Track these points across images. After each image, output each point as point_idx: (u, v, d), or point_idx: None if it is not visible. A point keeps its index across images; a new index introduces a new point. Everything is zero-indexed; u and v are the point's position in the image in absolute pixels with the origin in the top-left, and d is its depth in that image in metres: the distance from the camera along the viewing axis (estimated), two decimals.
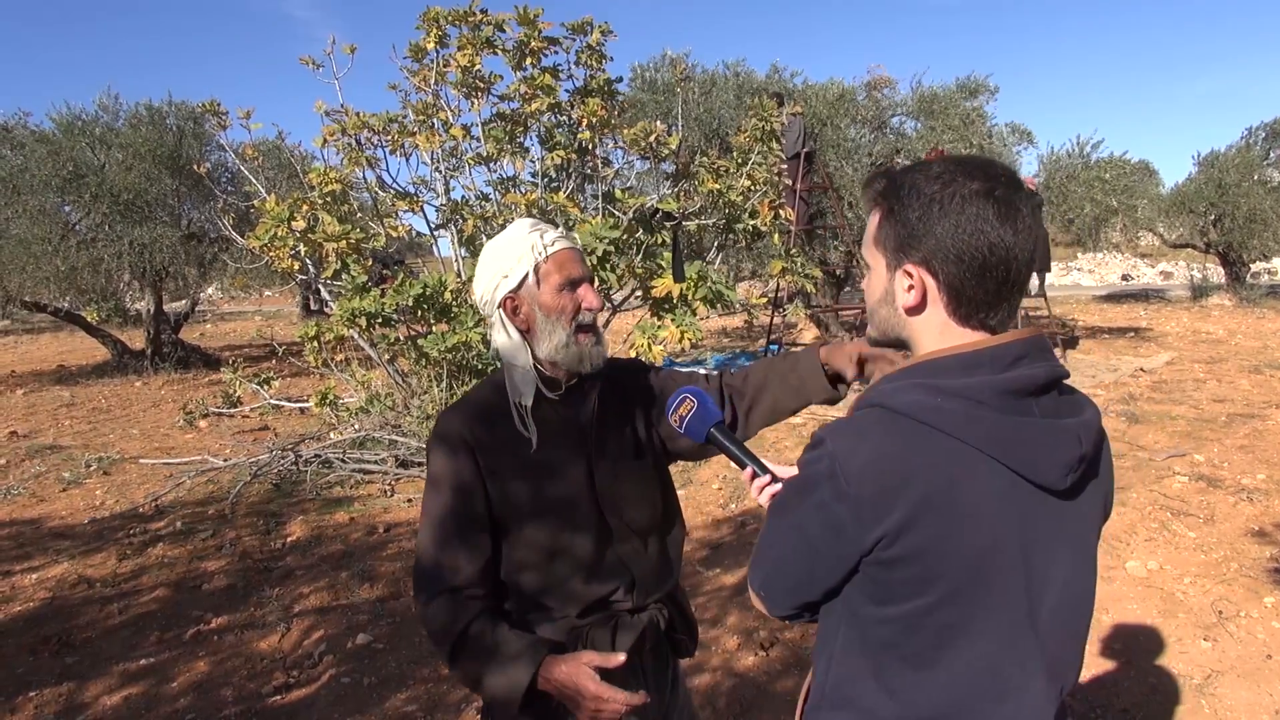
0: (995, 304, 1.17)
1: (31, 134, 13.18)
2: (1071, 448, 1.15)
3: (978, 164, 1.18)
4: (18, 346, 21.00)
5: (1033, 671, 1.18)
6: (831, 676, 1.25)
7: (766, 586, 1.30)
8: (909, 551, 1.11)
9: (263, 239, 7.48)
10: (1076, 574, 1.22)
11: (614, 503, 1.75)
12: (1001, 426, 1.11)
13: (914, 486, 1.10)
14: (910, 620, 1.15)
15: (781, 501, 1.28)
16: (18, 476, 7.63)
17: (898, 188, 1.20)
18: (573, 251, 1.71)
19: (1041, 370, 1.15)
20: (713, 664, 3.79)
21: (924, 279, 1.19)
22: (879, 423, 1.15)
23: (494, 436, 1.70)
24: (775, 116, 8.78)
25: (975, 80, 14.52)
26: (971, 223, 1.13)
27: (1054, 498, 1.16)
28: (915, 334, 1.23)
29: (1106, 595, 4.39)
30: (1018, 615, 1.16)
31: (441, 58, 7.77)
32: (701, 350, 13.65)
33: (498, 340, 1.74)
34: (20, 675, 4.02)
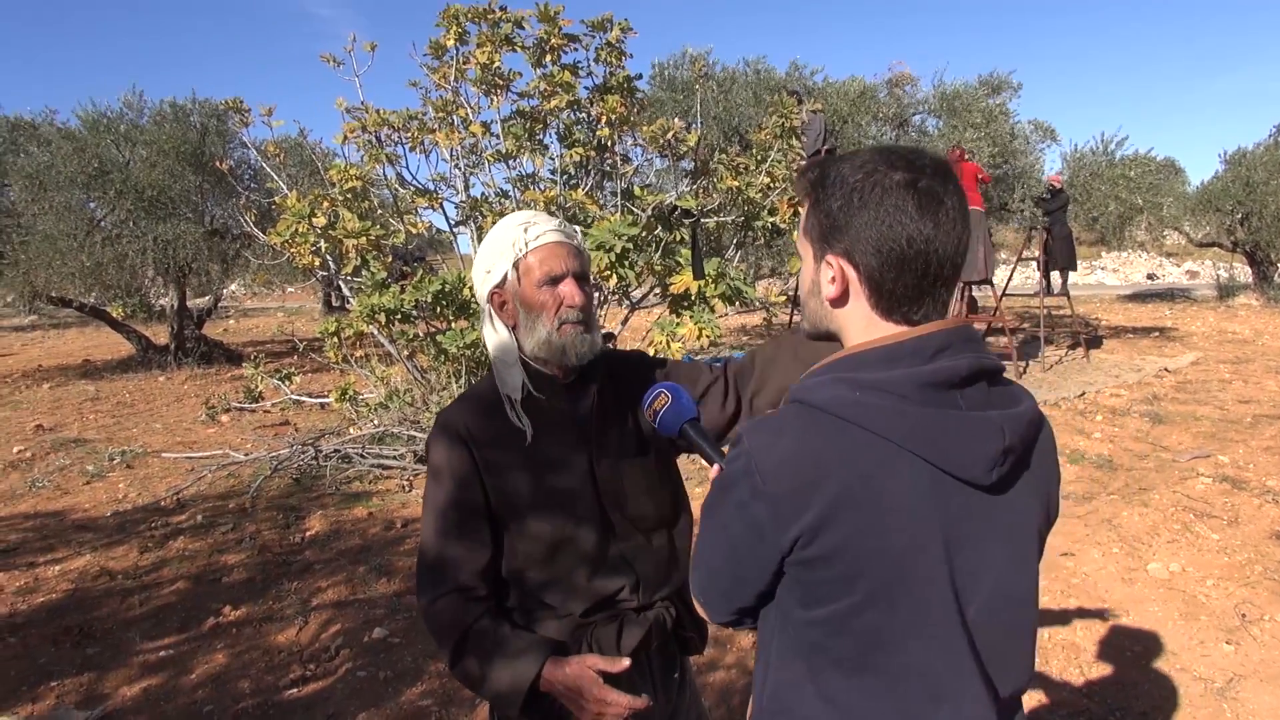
0: (917, 298, 1.14)
1: (58, 131, 13.33)
2: (994, 440, 1.10)
3: (903, 154, 1.15)
4: (44, 341, 21.26)
5: (968, 674, 1.14)
6: (769, 684, 1.22)
7: (703, 591, 1.27)
8: (827, 550, 1.09)
9: (284, 235, 7.53)
10: (1011, 572, 1.18)
11: (616, 498, 1.73)
12: (921, 420, 1.08)
13: (830, 483, 1.07)
14: (836, 622, 1.13)
15: (709, 502, 1.25)
16: (43, 469, 7.72)
17: (824, 177, 1.18)
18: (558, 246, 1.68)
19: (964, 361, 1.11)
20: (727, 662, 3.79)
21: (845, 270, 1.16)
22: (797, 418, 1.13)
23: (493, 431, 1.68)
24: (795, 114, 8.75)
25: (998, 77, 14.44)
26: (890, 214, 1.11)
27: (981, 493, 1.12)
28: (842, 326, 1.20)
29: (1127, 597, 4.35)
30: (946, 616, 1.12)
31: (461, 55, 7.78)
32: (721, 348, 13.63)
33: (485, 334, 1.74)
34: (42, 665, 4.07)
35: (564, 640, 1.68)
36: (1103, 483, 6.14)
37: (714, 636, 3.98)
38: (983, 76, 14.50)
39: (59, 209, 12.32)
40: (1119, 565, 4.73)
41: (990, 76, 14.53)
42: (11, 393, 12.41)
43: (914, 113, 14.83)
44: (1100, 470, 6.43)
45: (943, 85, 14.49)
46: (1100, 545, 4.99)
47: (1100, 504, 5.67)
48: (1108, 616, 4.16)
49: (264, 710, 3.59)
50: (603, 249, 7.09)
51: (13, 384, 13.30)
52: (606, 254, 7.07)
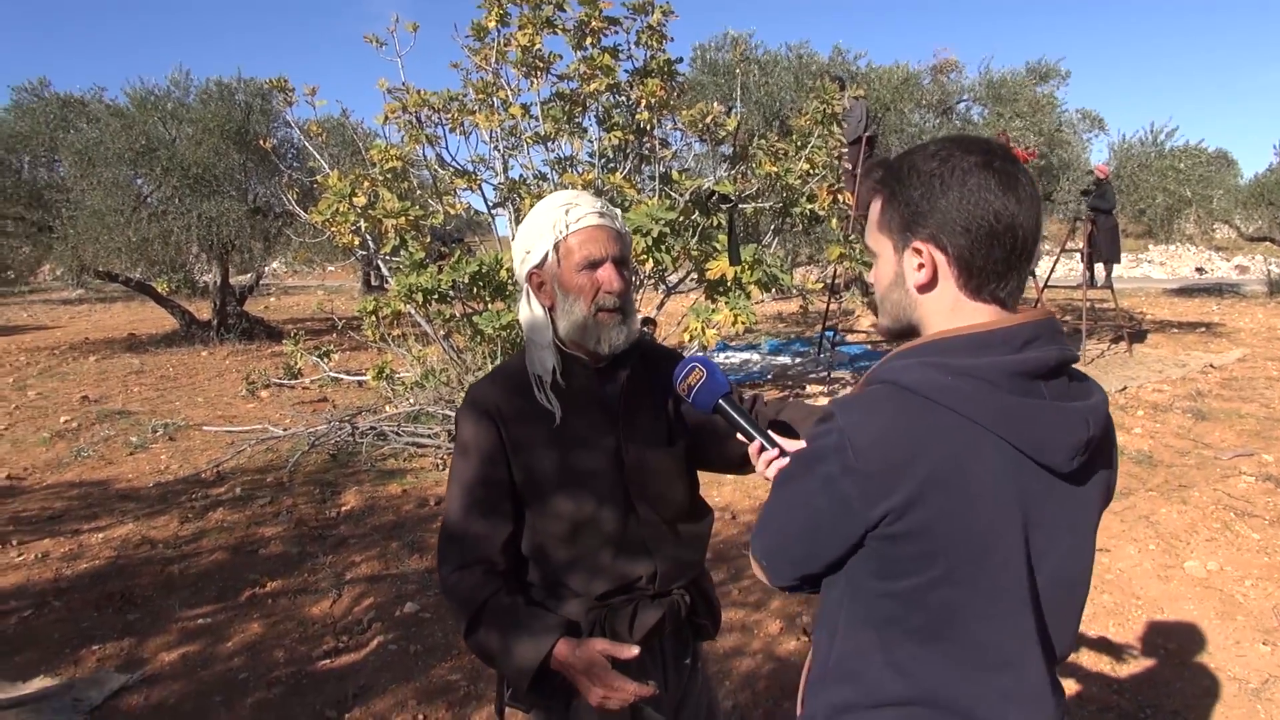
0: (1005, 274, 1.18)
1: (106, 108, 13.56)
2: (1079, 430, 1.15)
3: (972, 140, 1.20)
4: (92, 314, 21.71)
5: (1030, 646, 1.19)
6: (835, 651, 1.26)
7: (769, 556, 1.31)
8: (914, 527, 1.12)
9: (324, 214, 7.61)
10: (1074, 555, 1.23)
11: (641, 484, 1.74)
12: (1011, 407, 1.12)
13: (921, 463, 1.10)
14: (914, 595, 1.16)
15: (788, 472, 1.29)
16: (88, 439, 7.90)
17: (896, 171, 1.22)
18: (599, 230, 1.67)
19: (1053, 353, 1.15)
20: (753, 647, 3.79)
21: (933, 254, 1.19)
22: (889, 398, 1.15)
23: (522, 409, 1.69)
24: (837, 99, 8.67)
25: (1046, 64, 14.16)
26: (975, 193, 1.15)
27: (1057, 479, 1.17)
28: (926, 314, 1.24)
29: (1163, 594, 4.29)
30: (1018, 594, 1.17)
31: (502, 36, 7.79)
32: (756, 335, 13.58)
33: (521, 313, 1.76)
34: (85, 629, 4.18)
35: (578, 621, 1.70)
36: (1142, 479, 6.05)
37: (740, 622, 4.00)
38: (1031, 64, 14.21)
39: (107, 185, 12.53)
40: (1155, 562, 4.66)
41: (1038, 64, 14.24)
42: (59, 364, 12.69)
43: (958, 100, 14.60)
44: (1140, 466, 6.33)
45: (989, 73, 14.24)
46: (1137, 542, 4.93)
47: (1138, 500, 5.59)
48: (1142, 613, 4.11)
49: (297, 680, 3.66)
50: (640, 233, 7.08)
51: (60, 356, 13.61)
52: (643, 238, 7.07)
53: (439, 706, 3.41)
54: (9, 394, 10.33)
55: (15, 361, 13.06)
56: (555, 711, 1.72)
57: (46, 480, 6.74)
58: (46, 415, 8.98)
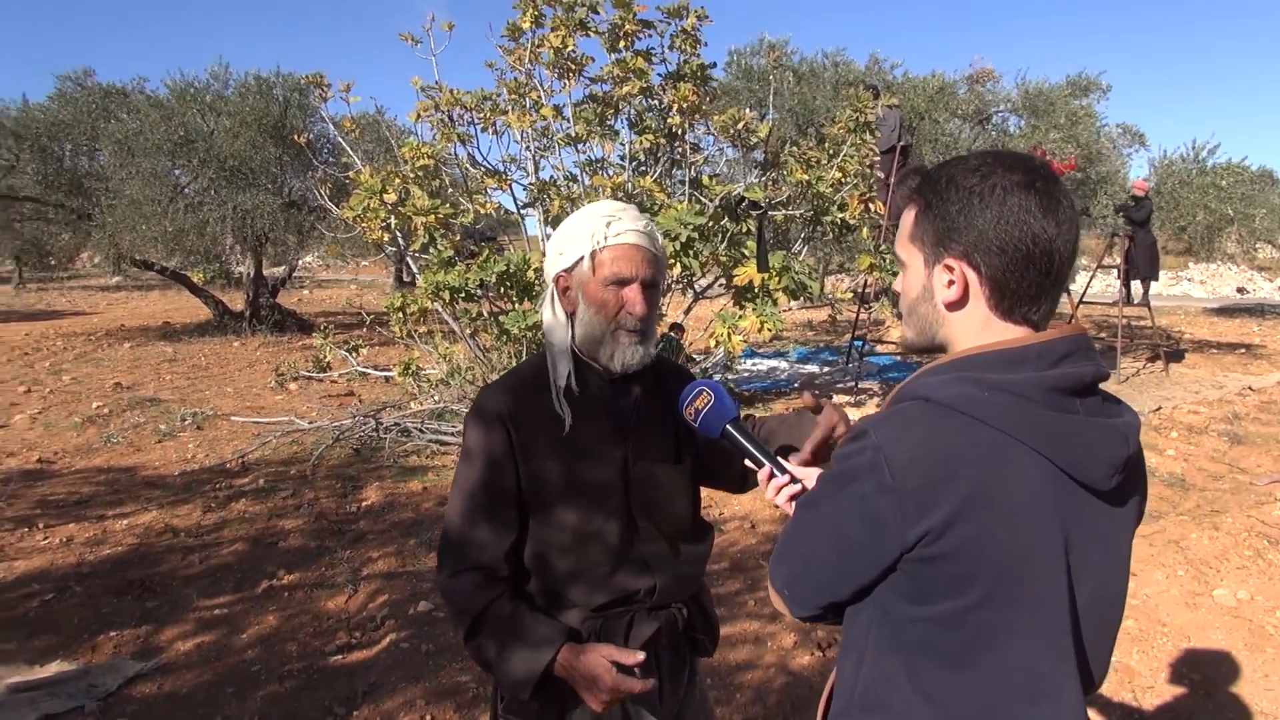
0: (1038, 297, 1.15)
1: (147, 99, 13.77)
2: (1120, 447, 1.12)
3: (1016, 157, 1.16)
4: (129, 302, 22.03)
5: (1068, 673, 1.15)
6: (861, 679, 1.21)
7: (791, 585, 1.26)
8: (952, 548, 1.08)
9: (356, 210, 7.66)
10: (1111, 578, 1.21)
11: (645, 500, 1.72)
12: (1050, 422, 1.09)
13: (961, 480, 1.07)
14: (948, 619, 1.12)
15: (815, 495, 1.23)
16: (118, 425, 8.00)
17: (934, 182, 1.18)
18: (635, 249, 1.65)
19: (1088, 369, 1.12)
20: (766, 661, 3.75)
21: (965, 272, 1.16)
22: (925, 414, 1.12)
23: (531, 414, 1.68)
24: (870, 108, 8.60)
25: (1086, 78, 14.01)
26: (1014, 214, 1.11)
27: (1094, 498, 1.14)
28: (954, 331, 1.20)
29: (1190, 622, 4.19)
30: (1057, 616, 1.13)
31: (536, 37, 7.81)
32: (785, 343, 13.50)
33: (543, 314, 1.74)
34: (104, 615, 4.22)
35: (577, 629, 1.69)
36: (1173, 502, 5.93)
37: (754, 634, 3.96)
38: (1070, 76, 14.07)
39: (145, 175, 12.71)
40: (1183, 589, 4.56)
41: (1078, 77, 14.09)
42: (95, 350, 12.88)
43: (995, 110, 14.46)
44: (1171, 489, 6.21)
45: (1026, 83, 14.09)
46: (1165, 567, 4.82)
47: (1169, 524, 5.48)
48: (1168, 641, 4.02)
49: (309, 674, 3.67)
50: (668, 237, 7.06)
51: (96, 342, 13.81)
52: (672, 242, 7.05)
53: (447, 708, 3.40)
54: (44, 379, 10.49)
55: (52, 346, 13.27)
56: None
57: (75, 465, 6.83)
58: (79, 400, 9.11)
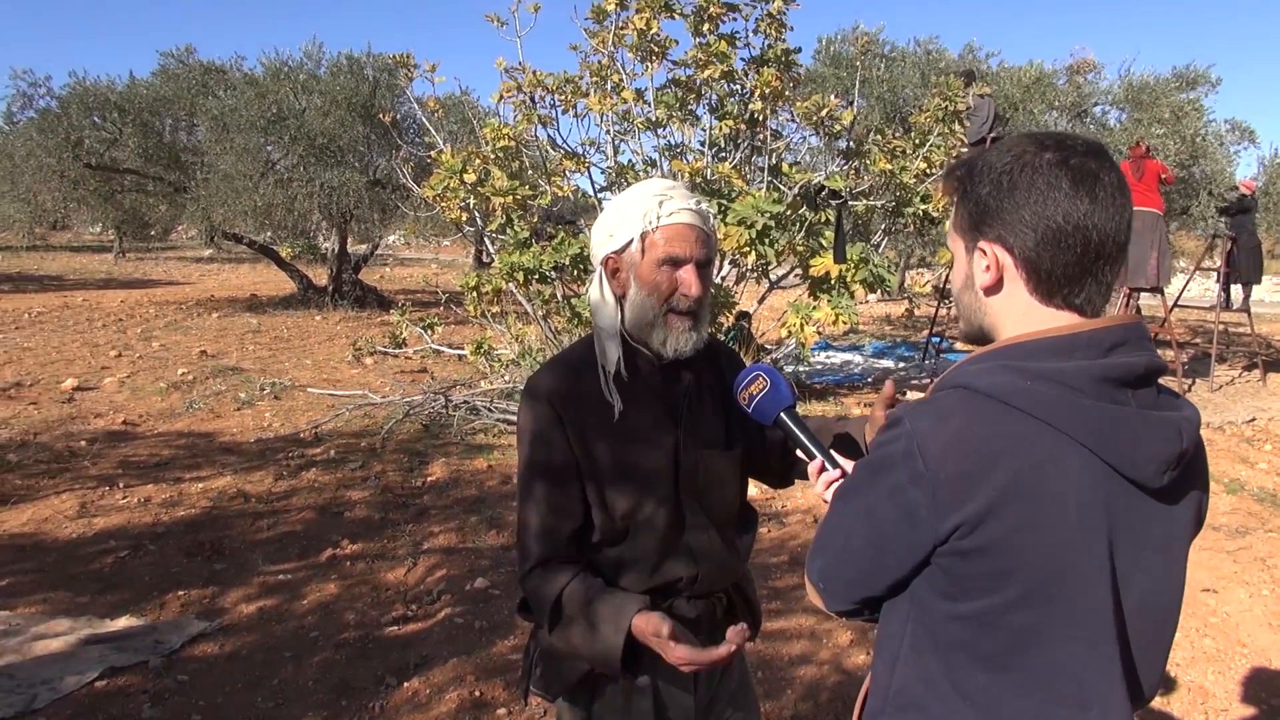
0: (1078, 279, 1.09)
1: (243, 77, 14.17)
2: (1172, 443, 1.05)
3: (1053, 136, 1.12)
4: (220, 274, 22.80)
5: (1115, 679, 1.09)
6: (896, 679, 1.16)
7: (826, 578, 1.21)
8: (988, 542, 1.03)
9: (436, 189, 7.75)
10: (1162, 583, 1.13)
11: (694, 487, 1.68)
12: (1097, 414, 1.03)
13: (999, 472, 1.02)
14: (986, 618, 1.06)
15: (850, 485, 1.19)
16: (200, 392, 8.26)
17: (971, 168, 1.15)
18: (689, 228, 1.60)
19: (1142, 360, 1.06)
20: (821, 657, 3.67)
21: (998, 255, 1.12)
22: (963, 403, 1.07)
23: (581, 398, 1.64)
24: (961, 96, 8.34)
25: (1194, 70, 13.37)
26: (1043, 193, 1.07)
27: (1145, 496, 1.08)
28: (997, 318, 1.15)
29: (1272, 644, 3.97)
30: (1101, 618, 1.07)
31: (620, 20, 7.77)
32: (861, 336, 13.27)
33: (591, 296, 1.69)
34: (174, 574, 4.36)
35: None
36: (1262, 518, 5.64)
37: (809, 630, 3.88)
38: (1177, 69, 13.46)
39: (238, 150, 13.08)
40: (1267, 609, 4.33)
41: (1186, 69, 13.46)
42: (185, 319, 13.35)
43: (1094, 103, 13.92)
44: (1261, 504, 5.90)
45: (1130, 75, 13.54)
46: (1249, 585, 4.58)
47: (1255, 540, 5.21)
48: (1247, 662, 3.82)
49: (364, 643, 3.72)
50: (744, 224, 6.97)
51: (187, 311, 14.32)
52: (748, 230, 6.95)
53: (495, 684, 3.41)
54: (135, 344, 10.91)
55: (145, 314, 13.80)
56: (580, 705, 1.70)
57: (158, 429, 7.07)
58: (166, 367, 9.44)
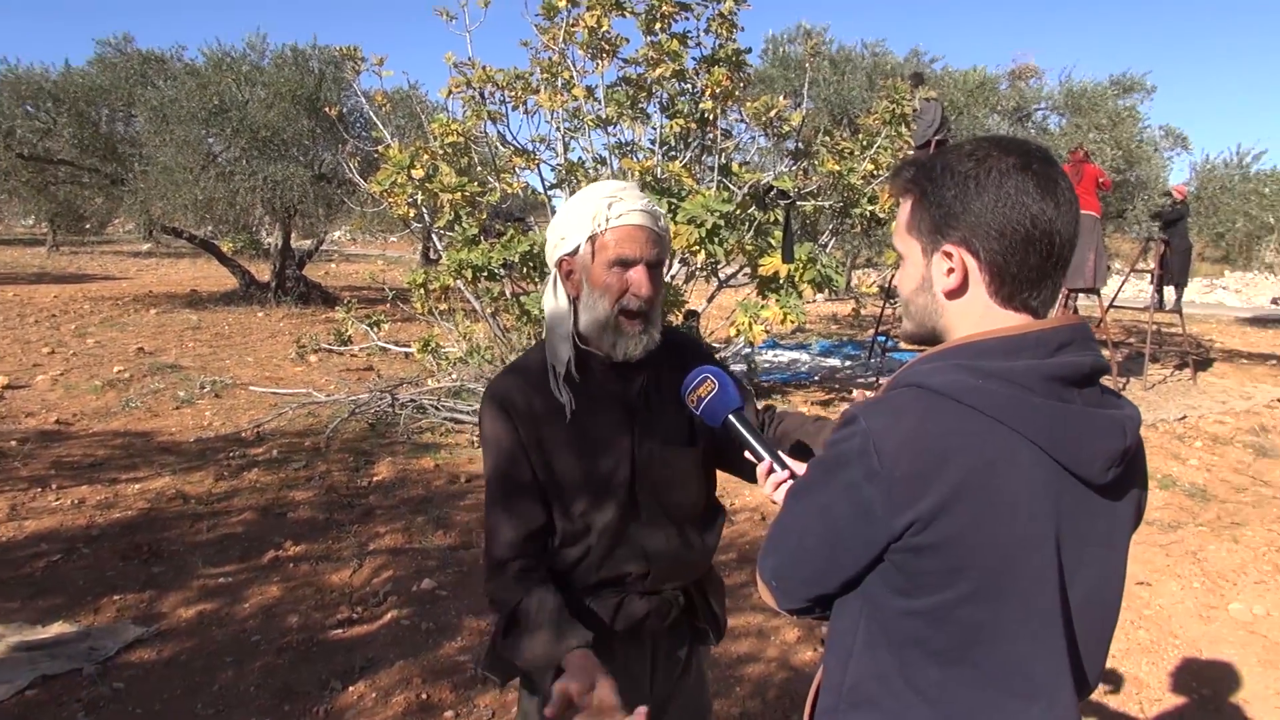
0: (1039, 282, 1.12)
1: (184, 67, 13.84)
2: (1117, 440, 1.09)
3: (1011, 141, 1.14)
4: (159, 269, 22.26)
5: (1062, 672, 1.12)
6: (850, 675, 1.18)
7: (779, 576, 1.22)
8: (941, 538, 1.05)
9: (383, 184, 7.65)
10: (1105, 577, 1.17)
11: (652, 485, 1.69)
12: (1047, 412, 1.06)
13: (952, 469, 1.04)
14: (938, 613, 1.08)
15: (804, 483, 1.20)
16: (137, 391, 8.06)
17: (929, 170, 1.16)
18: (639, 229, 1.60)
19: (1088, 359, 1.09)
20: (768, 654, 3.70)
21: (964, 259, 1.13)
22: (916, 401, 1.09)
23: (537, 404, 1.65)
24: (908, 100, 8.46)
25: (1131, 78, 13.73)
26: (1012, 196, 1.09)
27: (1090, 492, 1.11)
28: (953, 320, 1.17)
29: (1203, 635, 4.10)
30: (1050, 613, 1.10)
31: (572, 16, 7.74)
32: (808, 335, 13.40)
33: (545, 299, 1.69)
34: (109, 578, 4.24)
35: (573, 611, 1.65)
36: (1192, 512, 5.81)
37: (756, 628, 3.91)
38: (1115, 76, 13.81)
39: (179, 142, 12.77)
40: (1198, 601, 4.46)
41: (1123, 77, 13.83)
42: (121, 315, 13.01)
43: (1036, 108, 14.22)
44: (1192, 499, 6.09)
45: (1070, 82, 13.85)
46: (1181, 578, 4.72)
47: (1187, 534, 5.37)
48: (1179, 653, 3.93)
49: (307, 647, 3.66)
50: (694, 223, 6.99)
51: (123, 307, 13.96)
52: (697, 229, 6.97)
53: (443, 687, 3.38)
54: (69, 340, 10.61)
55: (80, 310, 13.42)
56: (534, 691, 1.73)
57: (93, 428, 6.88)
58: (102, 364, 9.19)
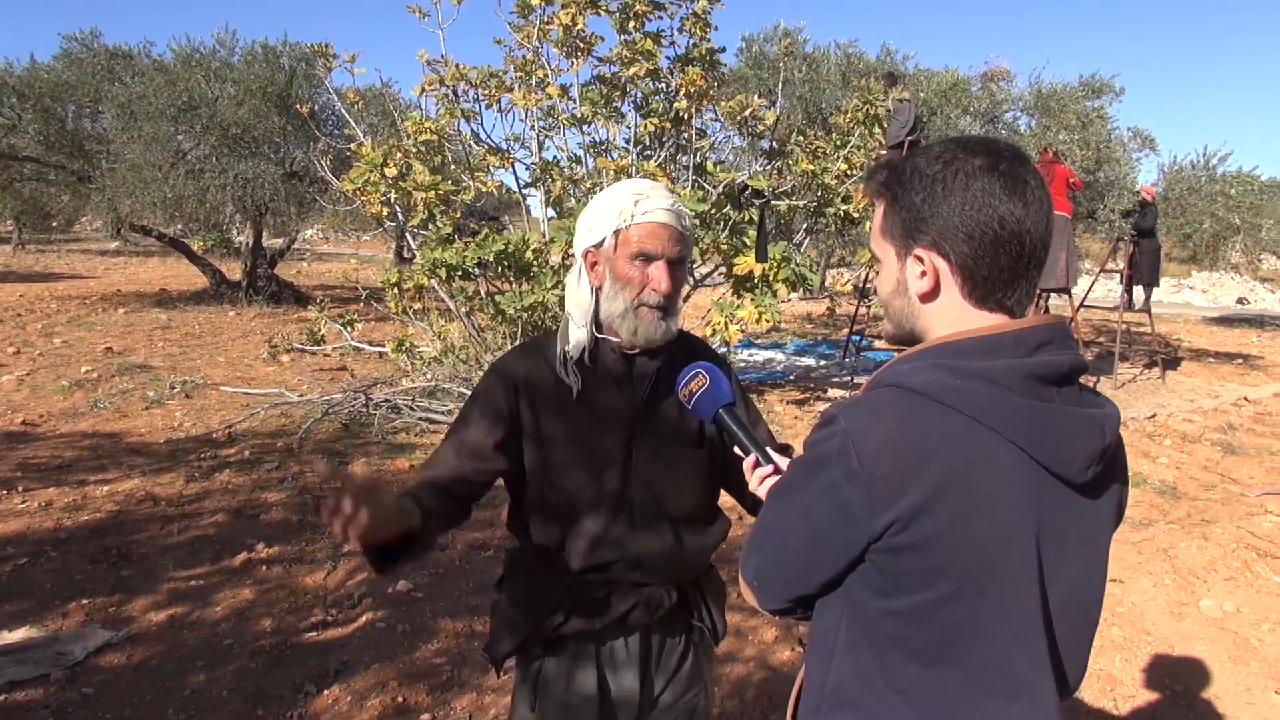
0: (1011, 282, 1.12)
1: (152, 63, 13.65)
2: (1095, 438, 1.09)
3: (979, 141, 1.15)
4: (127, 267, 21.96)
5: (1043, 672, 1.13)
6: (831, 675, 1.18)
7: (761, 576, 1.23)
8: (921, 538, 1.05)
9: (355, 183, 7.59)
10: (1086, 576, 1.17)
11: (648, 479, 1.73)
12: (1026, 411, 1.06)
13: (931, 469, 1.04)
14: (919, 613, 1.09)
15: (785, 484, 1.21)
16: (106, 391, 7.94)
17: (899, 174, 1.17)
18: (663, 227, 1.67)
19: (1066, 358, 1.10)
20: (746, 654, 3.71)
21: (935, 262, 1.14)
22: (896, 401, 1.09)
23: (544, 383, 1.73)
24: (881, 100, 8.51)
25: (1099, 79, 13.88)
26: (978, 198, 1.09)
27: (1070, 491, 1.11)
28: (929, 323, 1.18)
29: (1175, 632, 4.15)
30: (1030, 612, 1.10)
31: (546, 15, 7.71)
32: (782, 334, 13.44)
33: (568, 285, 1.78)
34: (77, 582, 4.17)
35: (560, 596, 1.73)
36: (1163, 510, 5.89)
37: (734, 628, 3.90)
38: (1084, 78, 13.95)
39: (147, 139, 12.58)
40: (1169, 598, 4.52)
41: (1092, 78, 13.96)
42: (88, 314, 12.82)
43: (1007, 109, 14.35)
44: (1162, 497, 6.16)
45: (1040, 83, 13.99)
46: (1152, 575, 4.78)
47: (1157, 532, 5.44)
48: (1151, 650, 3.98)
49: (280, 650, 3.62)
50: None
51: (91, 306, 13.75)
52: None
53: (419, 690, 3.35)
54: (35, 340, 10.44)
55: (46, 309, 13.21)
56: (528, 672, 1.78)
57: (60, 429, 6.77)
58: (69, 364, 9.05)
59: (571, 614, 1.72)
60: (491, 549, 4.73)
